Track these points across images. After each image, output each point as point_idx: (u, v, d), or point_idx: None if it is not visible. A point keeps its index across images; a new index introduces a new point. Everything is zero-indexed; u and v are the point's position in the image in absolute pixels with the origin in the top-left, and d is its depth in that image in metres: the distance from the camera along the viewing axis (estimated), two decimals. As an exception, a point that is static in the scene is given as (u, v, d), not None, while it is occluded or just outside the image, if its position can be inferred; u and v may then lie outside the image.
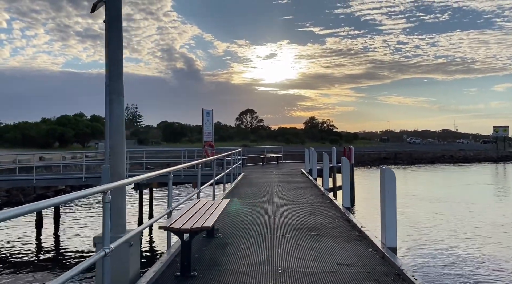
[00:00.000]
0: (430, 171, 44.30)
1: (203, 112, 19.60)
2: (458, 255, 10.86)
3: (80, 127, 59.80)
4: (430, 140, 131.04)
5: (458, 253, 11.09)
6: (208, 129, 19.89)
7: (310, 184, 13.10)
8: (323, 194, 10.63)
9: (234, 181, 13.84)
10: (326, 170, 11.54)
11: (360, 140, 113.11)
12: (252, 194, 10.58)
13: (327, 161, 11.62)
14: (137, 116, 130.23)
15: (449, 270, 9.65)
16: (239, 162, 16.27)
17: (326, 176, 11.46)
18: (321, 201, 9.40)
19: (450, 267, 9.92)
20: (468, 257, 10.72)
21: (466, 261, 10.41)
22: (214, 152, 19.65)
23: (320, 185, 12.97)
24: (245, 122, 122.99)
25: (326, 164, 11.55)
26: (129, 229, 4.32)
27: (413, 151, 66.92)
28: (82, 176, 16.67)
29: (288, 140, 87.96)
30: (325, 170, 11.51)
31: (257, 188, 12.10)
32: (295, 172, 17.95)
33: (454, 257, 10.69)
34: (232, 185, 12.40)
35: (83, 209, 19.52)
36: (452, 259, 10.53)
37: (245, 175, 16.45)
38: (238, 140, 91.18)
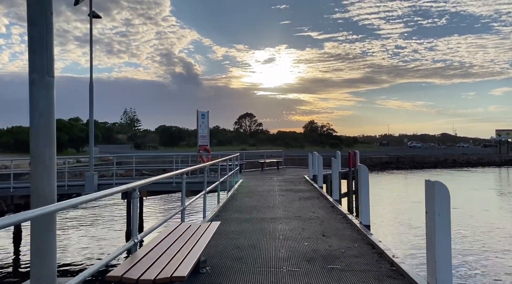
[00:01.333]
0: (436, 176, 42.83)
1: (198, 114, 18.12)
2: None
3: (74, 132, 58.29)
4: (430, 144, 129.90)
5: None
6: (204, 132, 18.41)
7: (316, 193, 11.63)
8: (333, 206, 9.16)
9: (231, 190, 12.38)
10: (336, 178, 10.07)
11: (360, 144, 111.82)
12: (251, 207, 9.10)
13: (337, 168, 10.14)
14: (135, 121, 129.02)
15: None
16: (236, 168, 14.82)
17: (336, 185, 9.99)
18: (333, 216, 7.93)
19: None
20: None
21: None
22: (209, 157, 18.18)
23: (325, 192, 11.51)
24: (244, 126, 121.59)
25: (336, 171, 10.07)
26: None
27: (415, 155, 65.51)
28: (65, 184, 15.20)
29: (288, 145, 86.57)
30: (335, 178, 10.03)
31: (256, 198, 10.63)
32: (298, 179, 16.48)
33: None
34: (228, 195, 10.93)
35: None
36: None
37: (243, 182, 14.98)
38: (236, 145, 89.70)
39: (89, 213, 19.52)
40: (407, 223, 16.58)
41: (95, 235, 15.31)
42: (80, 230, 16.16)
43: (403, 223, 16.69)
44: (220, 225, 6.52)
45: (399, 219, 17.66)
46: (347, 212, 8.26)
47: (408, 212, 19.14)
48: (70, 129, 58.07)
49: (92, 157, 15.10)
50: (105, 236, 15.05)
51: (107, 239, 14.53)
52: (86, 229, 16.37)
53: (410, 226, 15.97)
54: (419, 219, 15.69)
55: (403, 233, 14.94)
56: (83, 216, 18.85)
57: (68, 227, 16.64)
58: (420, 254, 10.88)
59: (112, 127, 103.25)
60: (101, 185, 14.99)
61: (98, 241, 14.44)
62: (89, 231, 15.90)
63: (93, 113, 15.28)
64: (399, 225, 16.46)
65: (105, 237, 14.88)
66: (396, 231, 15.38)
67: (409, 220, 17.20)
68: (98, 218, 18.33)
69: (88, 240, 14.58)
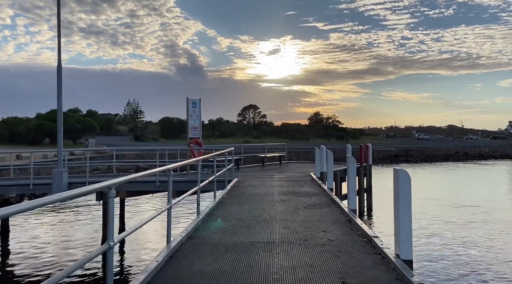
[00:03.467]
0: (450, 170, 40.24)
1: (188, 103, 15.76)
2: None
3: (70, 123, 56.09)
4: (438, 136, 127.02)
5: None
6: (195, 123, 16.06)
7: (326, 198, 9.33)
8: (350, 220, 6.86)
9: (221, 191, 10.11)
10: (353, 179, 7.69)
11: (366, 136, 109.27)
12: (240, 222, 6.82)
13: (354, 169, 7.74)
14: (138, 112, 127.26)
15: None
16: (230, 165, 12.54)
17: (353, 191, 7.63)
18: (352, 239, 5.64)
19: None
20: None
21: None
22: (202, 151, 15.90)
23: (335, 195, 9.21)
24: (248, 118, 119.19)
25: (352, 171, 7.70)
26: None
27: (425, 148, 62.99)
28: (30, 183, 13.02)
29: (292, 137, 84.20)
30: (352, 180, 7.66)
31: (250, 206, 8.35)
32: (303, 177, 14.18)
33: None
34: (215, 201, 8.66)
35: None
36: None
37: (238, 181, 12.70)
38: (239, 137, 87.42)
39: (59, 216, 17.35)
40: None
41: (65, 240, 13.16)
42: (47, 234, 14.00)
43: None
44: (185, 261, 4.29)
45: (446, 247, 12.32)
46: (370, 230, 5.94)
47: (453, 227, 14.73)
48: (65, 120, 55.85)
49: (61, 151, 12.87)
50: (75, 243, 12.88)
51: (76, 247, 12.35)
52: (55, 233, 14.21)
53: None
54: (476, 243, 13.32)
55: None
56: (53, 220, 16.69)
57: (36, 231, 14.49)
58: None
59: (113, 118, 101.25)
60: (72, 183, 12.80)
61: (65, 249, 12.28)
62: (57, 237, 13.74)
63: (61, 103, 13.02)
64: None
65: (74, 245, 12.71)
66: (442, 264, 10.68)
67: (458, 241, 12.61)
68: (69, 222, 16.13)
69: (54, 247, 12.42)
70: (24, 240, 13.36)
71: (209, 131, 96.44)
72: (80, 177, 14.29)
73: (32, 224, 15.68)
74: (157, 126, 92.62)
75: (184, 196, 6.30)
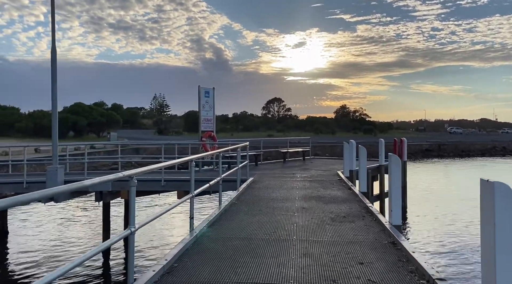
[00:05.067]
0: (493, 166, 37.10)
1: (200, 92, 14.10)
2: None
3: (94, 116, 55.99)
4: (471, 130, 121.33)
5: None
6: (208, 115, 14.41)
7: (359, 206, 7.50)
8: (395, 242, 5.04)
9: (232, 195, 8.44)
10: (398, 187, 5.75)
11: (395, 130, 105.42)
12: (244, 242, 5.11)
13: (397, 171, 5.79)
14: (164, 106, 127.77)
15: None
16: (244, 162, 10.84)
17: (396, 200, 5.72)
18: (404, 280, 3.82)
19: None
20: None
21: None
22: (216, 146, 14.27)
23: (368, 202, 7.35)
24: (272, 111, 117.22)
25: (396, 175, 5.77)
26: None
27: (459, 142, 59.46)
28: (23, 181, 11.75)
29: (318, 130, 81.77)
30: (395, 187, 5.74)
31: (262, 216, 6.63)
32: (329, 176, 12.33)
33: None
34: (220, 209, 6.98)
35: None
36: None
37: (253, 181, 10.99)
38: (263, 131, 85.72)
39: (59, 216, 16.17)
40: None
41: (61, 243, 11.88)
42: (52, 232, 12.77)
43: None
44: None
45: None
46: (429, 267, 4.09)
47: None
48: (89, 114, 55.76)
49: (56, 146, 11.52)
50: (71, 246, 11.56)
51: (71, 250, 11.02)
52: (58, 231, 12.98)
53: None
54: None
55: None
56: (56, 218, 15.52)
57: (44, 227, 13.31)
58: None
59: (137, 112, 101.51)
60: (69, 181, 11.41)
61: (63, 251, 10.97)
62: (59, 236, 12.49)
63: (56, 98, 11.64)
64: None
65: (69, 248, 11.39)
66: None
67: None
68: (69, 222, 14.91)
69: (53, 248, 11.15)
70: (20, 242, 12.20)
71: (233, 124, 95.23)
72: (78, 175, 12.94)
73: (28, 227, 14.57)
74: (181, 120, 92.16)
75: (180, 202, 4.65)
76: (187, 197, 5.40)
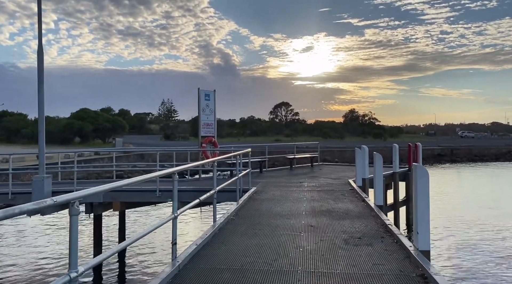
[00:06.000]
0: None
1: (200, 95, 13.15)
2: None
3: (99, 122, 55.46)
4: (483, 134, 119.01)
5: None
6: (208, 119, 13.47)
7: (376, 223, 6.46)
8: (424, 274, 4.00)
9: (231, 208, 7.46)
10: (425, 207, 4.68)
11: (405, 134, 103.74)
12: (237, 275, 4.12)
13: (426, 186, 4.71)
14: (172, 112, 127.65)
15: None
16: (246, 170, 9.85)
17: (423, 220, 4.66)
18: None
19: None
20: None
21: None
22: (217, 152, 13.32)
23: (389, 222, 6.30)
24: (280, 116, 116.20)
25: (423, 190, 4.70)
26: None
27: (472, 146, 57.82)
28: (9, 191, 10.91)
29: (326, 135, 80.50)
30: (422, 205, 4.68)
31: (262, 237, 5.63)
32: (339, 185, 11.29)
33: None
34: (214, 228, 6.01)
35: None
36: None
37: (256, 192, 10.00)
38: (271, 135, 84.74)
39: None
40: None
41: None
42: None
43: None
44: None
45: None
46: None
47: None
48: (95, 119, 55.26)
49: (42, 154, 10.64)
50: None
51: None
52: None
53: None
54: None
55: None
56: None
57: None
58: None
59: (145, 117, 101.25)
60: (57, 192, 10.54)
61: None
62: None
63: (43, 101, 10.77)
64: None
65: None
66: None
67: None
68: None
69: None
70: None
71: (240, 129, 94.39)
72: (66, 184, 12.05)
73: (8, 241, 13.71)
74: (188, 125, 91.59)
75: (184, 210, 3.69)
76: (168, 218, 4.44)
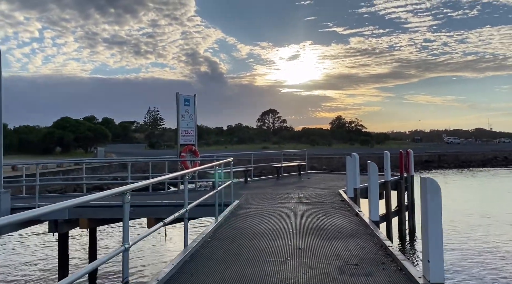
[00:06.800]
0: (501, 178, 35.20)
1: (179, 100, 12.18)
2: None
3: (81, 131, 53.81)
4: (468, 140, 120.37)
5: None
6: (188, 126, 12.49)
7: (374, 244, 5.58)
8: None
9: (208, 227, 6.50)
10: (438, 229, 3.84)
11: (391, 141, 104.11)
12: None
13: (438, 204, 3.89)
14: (158, 120, 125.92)
15: None
16: (227, 182, 8.90)
17: (436, 248, 3.82)
18: None
19: None
20: None
21: None
22: (198, 162, 12.34)
23: (389, 243, 5.43)
24: (267, 123, 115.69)
25: (435, 209, 3.85)
26: None
27: (459, 152, 57.80)
28: (-38, 209, 9.70)
29: (314, 142, 80.00)
30: (435, 227, 3.83)
31: (241, 266, 4.69)
32: (329, 197, 10.42)
33: None
34: (185, 253, 5.05)
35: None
36: None
37: (239, 206, 9.05)
38: (258, 143, 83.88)
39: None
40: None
41: None
42: None
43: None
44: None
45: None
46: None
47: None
48: (76, 128, 53.60)
49: (0, 167, 9.52)
50: None
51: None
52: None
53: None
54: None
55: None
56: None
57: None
58: None
59: (129, 126, 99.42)
60: (16, 209, 9.44)
61: None
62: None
63: (0, 112, 9.68)
64: None
65: None
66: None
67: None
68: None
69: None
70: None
71: (227, 137, 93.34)
72: (29, 200, 10.87)
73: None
74: (174, 133, 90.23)
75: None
76: (116, 251, 3.49)
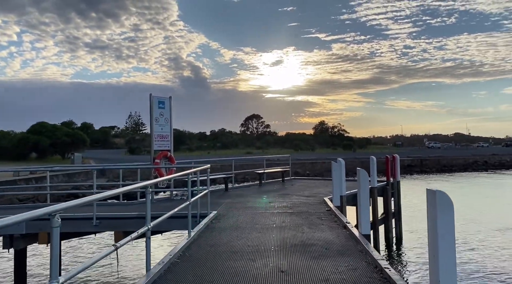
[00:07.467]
0: (482, 181, 35.30)
1: (153, 101, 11.31)
2: None
3: (58, 136, 51.94)
4: (448, 144, 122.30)
5: None
6: (163, 130, 11.62)
7: (366, 264, 4.88)
8: None
9: (176, 246, 5.70)
10: (451, 250, 3.19)
11: (373, 145, 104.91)
12: None
13: (451, 221, 3.27)
14: (140, 125, 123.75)
15: None
16: (203, 191, 8.10)
17: (449, 270, 3.19)
18: None
19: None
20: None
21: None
22: (174, 169, 11.49)
23: (381, 260, 4.76)
24: (251, 128, 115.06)
25: (447, 225, 3.18)
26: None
27: (441, 157, 58.21)
28: None
29: (297, 147, 79.66)
30: (446, 247, 3.18)
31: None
32: (315, 205, 9.71)
33: None
34: (146, 280, 4.22)
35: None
36: None
37: (216, 217, 8.25)
38: (242, 148, 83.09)
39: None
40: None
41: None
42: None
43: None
44: None
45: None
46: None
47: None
48: (53, 134, 51.71)
49: None
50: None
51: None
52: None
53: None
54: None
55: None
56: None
57: None
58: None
59: (109, 131, 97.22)
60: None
61: None
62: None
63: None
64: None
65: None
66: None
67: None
68: None
69: None
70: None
71: (210, 142, 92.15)
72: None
73: None
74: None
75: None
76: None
